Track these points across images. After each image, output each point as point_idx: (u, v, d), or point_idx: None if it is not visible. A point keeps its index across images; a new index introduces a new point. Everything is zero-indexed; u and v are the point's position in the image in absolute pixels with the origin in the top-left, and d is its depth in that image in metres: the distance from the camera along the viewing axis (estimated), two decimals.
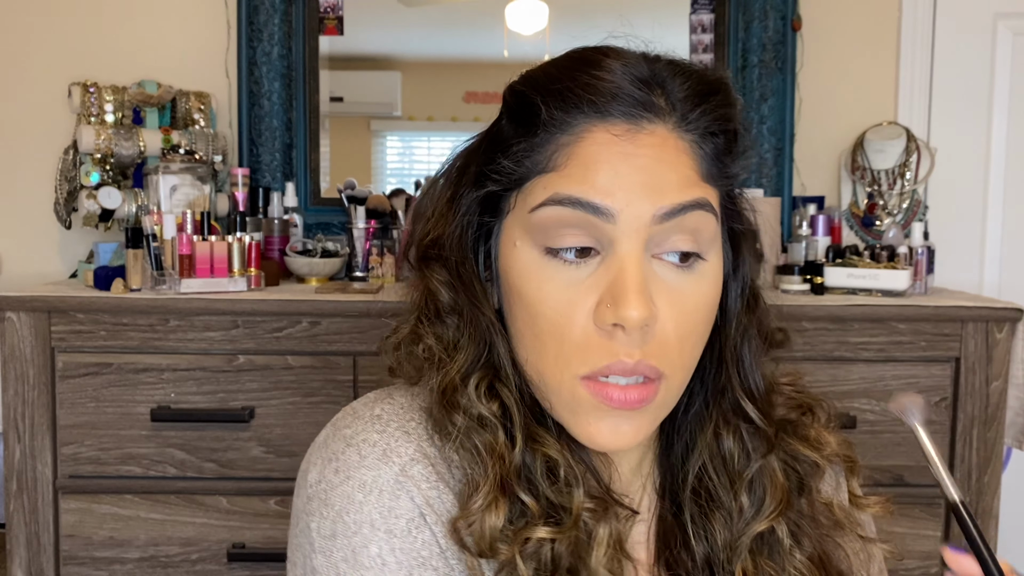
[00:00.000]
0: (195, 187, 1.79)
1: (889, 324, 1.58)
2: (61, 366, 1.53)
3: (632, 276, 0.60)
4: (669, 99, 0.63)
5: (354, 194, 1.94)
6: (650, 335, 0.61)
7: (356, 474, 0.62)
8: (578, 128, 0.62)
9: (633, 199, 0.60)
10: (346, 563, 0.61)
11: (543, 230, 0.62)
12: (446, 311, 0.67)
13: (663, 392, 0.63)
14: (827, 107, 2.10)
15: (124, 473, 1.55)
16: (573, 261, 0.62)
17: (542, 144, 0.63)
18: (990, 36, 2.12)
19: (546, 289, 0.62)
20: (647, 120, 0.62)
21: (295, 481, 0.69)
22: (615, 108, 0.61)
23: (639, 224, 0.60)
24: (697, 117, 0.63)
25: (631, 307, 0.59)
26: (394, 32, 2.19)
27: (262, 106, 2.02)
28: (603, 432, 0.62)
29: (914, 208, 2.02)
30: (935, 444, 0.59)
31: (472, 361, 0.66)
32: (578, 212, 0.60)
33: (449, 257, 0.68)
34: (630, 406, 0.61)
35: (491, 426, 0.64)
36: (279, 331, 1.54)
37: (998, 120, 2.13)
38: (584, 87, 0.62)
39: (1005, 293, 2.08)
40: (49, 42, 2.05)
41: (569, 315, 0.61)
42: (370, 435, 0.64)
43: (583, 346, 0.61)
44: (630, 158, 0.61)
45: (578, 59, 0.65)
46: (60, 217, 1.90)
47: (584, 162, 0.61)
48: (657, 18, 2.09)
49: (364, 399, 0.69)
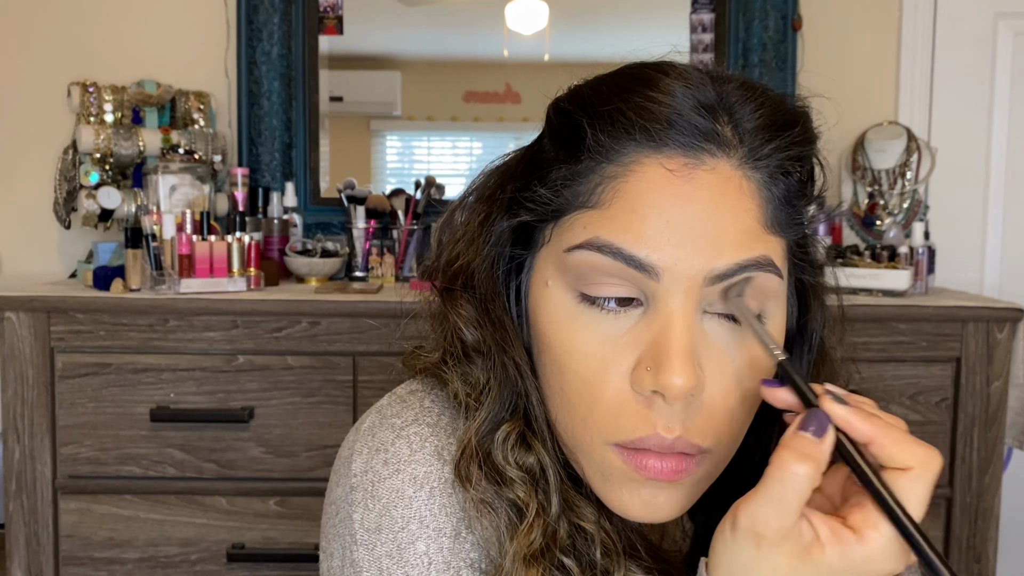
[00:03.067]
0: (194, 187, 1.79)
1: (890, 324, 1.58)
2: (60, 366, 1.53)
3: (678, 337, 0.52)
4: (737, 129, 0.55)
5: (354, 194, 1.94)
6: (695, 407, 0.54)
7: (407, 468, 0.59)
8: (627, 159, 0.54)
9: (683, 257, 0.52)
10: (390, 559, 0.58)
11: (579, 275, 0.55)
12: (473, 351, 0.61)
13: (707, 466, 0.56)
14: (827, 107, 2.09)
15: (123, 473, 1.55)
16: (612, 310, 0.55)
17: (585, 173, 0.56)
18: (990, 36, 2.12)
19: (578, 340, 0.55)
20: (708, 154, 0.54)
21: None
22: (672, 138, 0.53)
23: (689, 284, 0.53)
24: (769, 153, 0.55)
25: (674, 373, 0.52)
26: (394, 32, 2.18)
27: (261, 106, 2.02)
28: (636, 504, 0.56)
29: (915, 208, 2.02)
30: (752, 315, 0.54)
31: (500, 410, 0.59)
32: (619, 263, 0.53)
33: (477, 289, 0.61)
34: (667, 478, 0.55)
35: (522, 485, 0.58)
36: (279, 331, 1.54)
37: (999, 120, 2.13)
38: (637, 110, 0.54)
39: (1006, 293, 2.08)
40: (49, 42, 2.05)
41: (602, 374, 0.54)
42: (421, 428, 0.60)
43: (616, 412, 0.54)
44: (685, 203, 0.53)
45: (633, 77, 0.57)
46: (59, 217, 1.90)
47: (632, 204, 0.54)
48: (657, 17, 2.09)
49: (408, 387, 0.65)
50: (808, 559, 0.48)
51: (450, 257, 0.64)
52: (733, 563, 0.50)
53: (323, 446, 1.54)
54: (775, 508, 0.48)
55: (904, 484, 0.47)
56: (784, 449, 0.48)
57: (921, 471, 0.48)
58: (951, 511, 1.61)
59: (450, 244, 0.64)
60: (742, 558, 0.49)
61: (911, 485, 0.47)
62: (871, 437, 0.49)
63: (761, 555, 0.48)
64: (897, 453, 0.48)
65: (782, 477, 0.48)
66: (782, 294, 0.57)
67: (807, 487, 0.48)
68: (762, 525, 0.48)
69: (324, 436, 1.54)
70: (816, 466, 0.48)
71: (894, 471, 0.48)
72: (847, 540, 0.48)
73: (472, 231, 0.63)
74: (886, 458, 0.48)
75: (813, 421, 0.49)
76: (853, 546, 0.47)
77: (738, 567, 0.49)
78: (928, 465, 0.48)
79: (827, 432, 0.48)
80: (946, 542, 1.62)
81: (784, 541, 0.48)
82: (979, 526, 1.61)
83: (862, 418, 0.49)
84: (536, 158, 0.60)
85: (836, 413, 0.49)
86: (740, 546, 0.49)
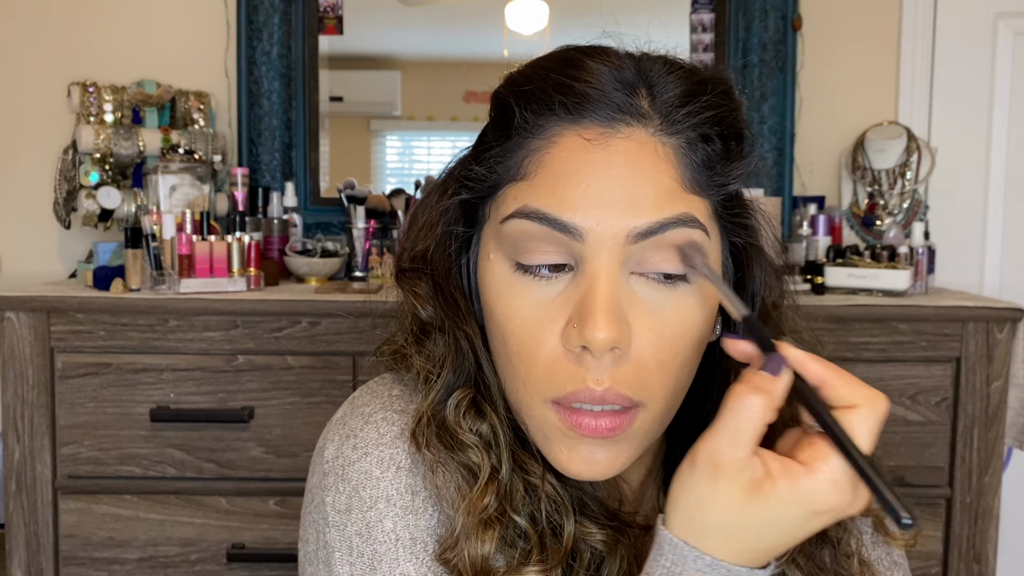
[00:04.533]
0: (194, 187, 1.79)
1: (889, 324, 1.58)
2: (60, 366, 1.53)
3: (601, 294, 0.55)
4: (655, 101, 0.58)
5: (354, 194, 1.94)
6: (624, 360, 0.56)
7: (375, 451, 0.62)
8: (549, 132, 0.58)
9: (605, 216, 0.56)
10: (359, 537, 0.60)
11: (513, 243, 0.58)
12: (429, 327, 0.65)
13: (642, 420, 0.58)
14: (827, 107, 2.10)
15: (123, 473, 1.55)
16: (544, 276, 0.58)
17: (514, 149, 0.60)
18: (990, 36, 2.12)
19: (515, 307, 0.59)
20: (623, 123, 0.57)
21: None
22: (589, 111, 0.57)
23: (612, 243, 0.56)
24: (683, 118, 0.58)
25: (598, 328, 0.54)
26: (394, 32, 2.18)
27: (261, 106, 2.02)
28: (575, 460, 0.58)
29: (915, 208, 2.02)
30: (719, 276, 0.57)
31: (455, 379, 0.63)
32: (546, 228, 0.57)
33: (433, 270, 0.65)
34: (600, 435, 0.57)
35: (474, 449, 0.61)
36: (278, 331, 1.54)
37: (999, 119, 2.13)
38: (557, 87, 0.58)
39: (1006, 293, 2.08)
40: (49, 42, 2.05)
41: (537, 335, 0.58)
42: (389, 414, 0.64)
43: (550, 369, 0.57)
44: (603, 168, 0.56)
45: (558, 58, 0.61)
46: (59, 217, 1.90)
47: (554, 172, 0.57)
48: (657, 17, 2.08)
49: (380, 380, 0.69)
50: (759, 492, 0.50)
51: (411, 243, 0.67)
52: (690, 499, 0.52)
53: None
54: (730, 438, 0.50)
55: (853, 421, 0.50)
56: (740, 383, 0.52)
57: (869, 409, 0.51)
58: (951, 511, 1.61)
59: (414, 232, 0.68)
60: (699, 491, 0.51)
61: (861, 421, 0.50)
62: (823, 379, 0.52)
63: (717, 488, 0.51)
64: (846, 393, 0.51)
65: (736, 407, 0.51)
66: (710, 251, 0.59)
67: (761, 418, 0.50)
68: (718, 455, 0.51)
69: None
70: (769, 399, 0.51)
71: (844, 409, 0.51)
72: (796, 473, 0.50)
73: (431, 218, 0.66)
74: (836, 398, 0.51)
75: (770, 362, 0.52)
76: (802, 478, 0.50)
77: (694, 501, 0.52)
78: (875, 404, 0.51)
79: (782, 371, 0.52)
80: (946, 542, 1.62)
81: (738, 474, 0.50)
82: (979, 526, 1.61)
83: (816, 361, 0.52)
84: (479, 142, 0.64)
85: (792, 355, 0.52)
86: (697, 479, 0.51)
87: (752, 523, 0.51)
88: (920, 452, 1.60)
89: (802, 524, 0.51)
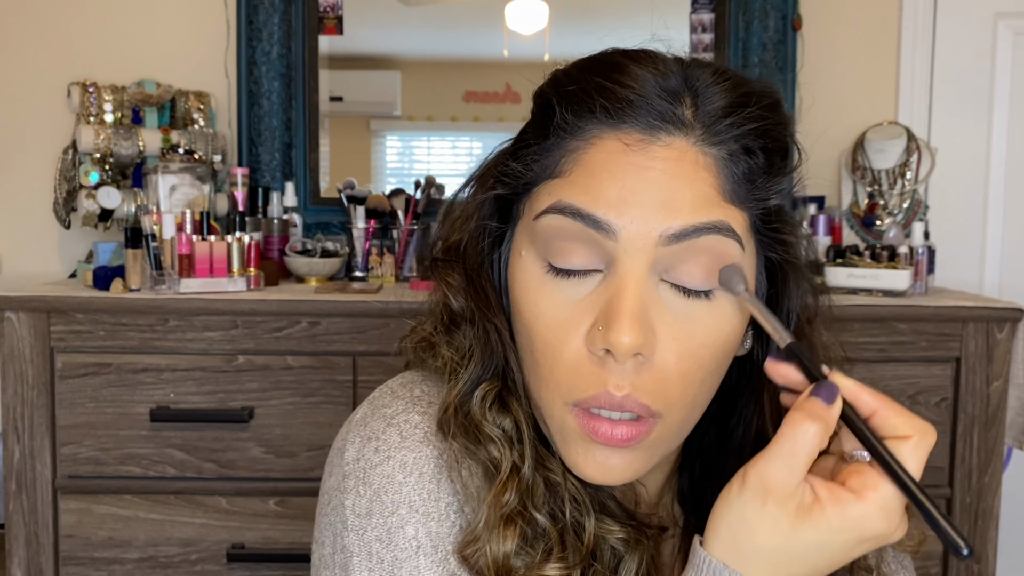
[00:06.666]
0: (194, 187, 1.79)
1: (889, 324, 1.58)
2: (60, 366, 1.53)
3: (628, 298, 0.55)
4: (698, 111, 0.57)
5: (354, 194, 1.94)
6: (646, 367, 0.56)
7: (397, 454, 0.61)
8: (588, 134, 0.58)
9: (639, 215, 0.55)
10: (380, 543, 0.59)
11: (546, 241, 0.58)
12: (459, 318, 0.65)
13: (659, 431, 0.58)
14: (827, 107, 2.09)
15: (123, 473, 1.55)
16: (575, 277, 0.57)
17: (552, 148, 0.60)
18: (990, 36, 2.12)
19: (543, 306, 0.58)
20: (664, 131, 0.56)
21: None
22: (631, 116, 0.57)
23: (644, 243, 0.55)
24: (726, 129, 0.57)
25: (622, 332, 0.54)
26: (394, 32, 2.18)
27: (261, 106, 2.01)
28: (590, 464, 0.58)
29: (915, 208, 2.02)
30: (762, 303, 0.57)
31: (482, 372, 0.63)
32: (579, 224, 0.56)
33: (465, 261, 0.65)
34: (616, 444, 0.57)
35: (497, 443, 0.61)
36: (278, 331, 1.54)
37: (999, 119, 2.13)
38: (599, 90, 0.58)
39: (1006, 293, 2.08)
40: (49, 42, 2.05)
41: (563, 336, 0.57)
42: (411, 416, 0.63)
43: (573, 371, 0.57)
44: (641, 170, 0.56)
45: (602, 61, 0.60)
46: (59, 217, 1.90)
47: (590, 170, 0.57)
48: (657, 18, 2.09)
49: (402, 379, 0.67)
50: (808, 518, 0.50)
51: (446, 234, 0.67)
52: (736, 520, 0.52)
53: (323, 446, 1.54)
54: (785, 462, 0.51)
55: (904, 451, 0.51)
56: (797, 410, 0.52)
57: (920, 440, 0.51)
58: (951, 511, 1.61)
59: (449, 223, 0.68)
60: (747, 514, 0.51)
61: (911, 452, 0.51)
62: (875, 409, 0.52)
63: (765, 511, 0.51)
64: (899, 424, 0.52)
65: (794, 435, 0.51)
66: (745, 265, 0.58)
67: (816, 445, 0.51)
68: (771, 479, 0.51)
69: (324, 436, 1.54)
70: (825, 427, 0.51)
71: (895, 440, 0.51)
72: (846, 499, 0.50)
73: (467, 210, 0.66)
74: (889, 428, 0.52)
75: (824, 389, 0.52)
76: (851, 504, 0.50)
77: (741, 523, 0.52)
78: (926, 436, 0.52)
79: (836, 399, 0.52)
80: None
81: (788, 499, 0.51)
82: (979, 526, 1.61)
83: (867, 391, 0.53)
84: (519, 138, 0.64)
85: (844, 385, 0.53)
86: (746, 501, 0.51)
87: (798, 549, 0.51)
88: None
89: (847, 551, 0.51)
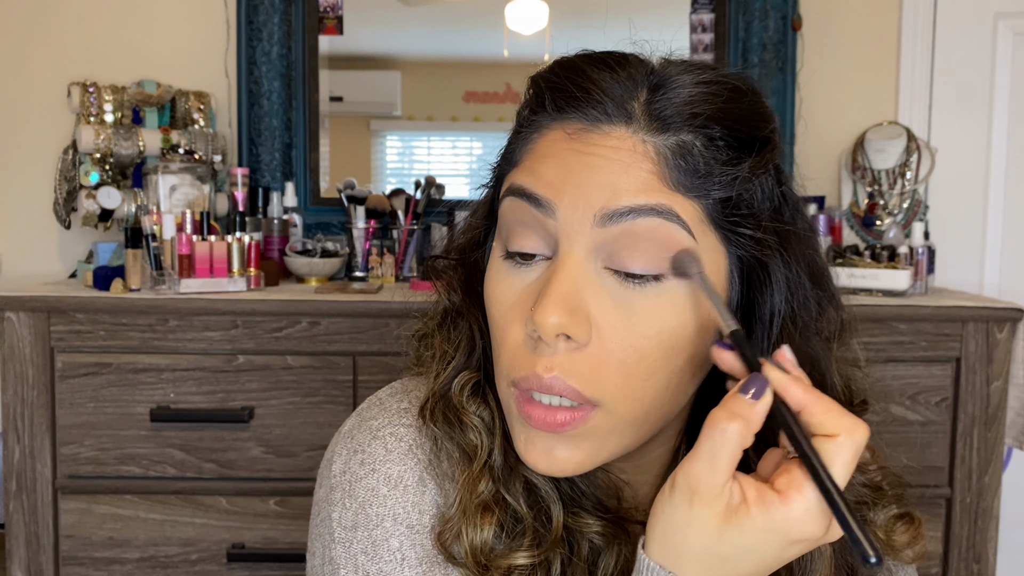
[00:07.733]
0: (194, 187, 1.79)
1: (889, 324, 1.58)
2: (60, 366, 1.53)
3: (559, 280, 0.55)
4: (650, 105, 0.57)
5: (354, 194, 1.94)
6: (580, 353, 0.55)
7: (382, 467, 0.62)
8: (541, 126, 0.60)
9: (576, 194, 0.56)
10: (365, 555, 0.60)
11: (507, 227, 0.60)
12: (454, 313, 0.67)
13: (601, 421, 0.57)
14: (827, 107, 2.10)
15: (123, 473, 1.55)
16: (523, 263, 0.59)
17: (516, 143, 0.63)
18: (990, 36, 2.12)
19: (497, 291, 0.60)
20: (606, 123, 0.57)
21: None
22: (576, 108, 0.58)
23: (581, 224, 0.55)
24: (677, 119, 0.57)
25: (546, 312, 0.54)
26: (394, 32, 2.18)
27: (261, 106, 2.01)
28: (533, 453, 0.58)
29: (915, 208, 2.02)
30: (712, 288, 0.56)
31: (465, 362, 0.65)
32: (526, 205, 0.58)
33: (464, 261, 0.68)
34: (549, 428, 0.56)
35: (475, 431, 0.62)
36: (279, 331, 1.54)
37: (998, 120, 2.13)
38: (551, 87, 0.60)
39: (1006, 293, 2.08)
40: (49, 42, 2.05)
41: (510, 319, 0.59)
42: (397, 429, 0.64)
43: (513, 353, 0.58)
44: (581, 156, 0.57)
45: (563, 62, 0.62)
46: (59, 217, 1.90)
47: (536, 155, 0.59)
48: (658, 17, 2.09)
49: (390, 390, 0.69)
50: (734, 519, 0.50)
51: (458, 238, 0.70)
52: (667, 523, 0.52)
53: (323, 446, 1.53)
54: (707, 463, 0.50)
55: (830, 449, 0.50)
56: (719, 408, 0.51)
57: (847, 438, 0.50)
58: (951, 511, 1.61)
59: (461, 227, 0.70)
60: (677, 515, 0.51)
61: (836, 451, 0.50)
62: (804, 404, 0.51)
63: (692, 513, 0.51)
64: (827, 420, 0.51)
65: (713, 434, 0.50)
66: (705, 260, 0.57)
67: (737, 444, 0.50)
68: (695, 480, 0.50)
69: (324, 436, 1.54)
70: (746, 424, 0.50)
71: (822, 437, 0.51)
72: (771, 501, 0.50)
73: (473, 213, 0.69)
74: (816, 425, 0.51)
75: (752, 384, 0.52)
76: (776, 507, 0.50)
77: (672, 525, 0.52)
78: (854, 434, 0.50)
79: (764, 394, 0.51)
80: (946, 542, 1.62)
81: (715, 500, 0.50)
82: (979, 526, 1.61)
83: (798, 386, 0.52)
84: None
85: (774, 378, 0.52)
86: (676, 503, 0.51)
87: (727, 550, 0.50)
88: (920, 452, 1.60)
89: (777, 553, 0.51)
